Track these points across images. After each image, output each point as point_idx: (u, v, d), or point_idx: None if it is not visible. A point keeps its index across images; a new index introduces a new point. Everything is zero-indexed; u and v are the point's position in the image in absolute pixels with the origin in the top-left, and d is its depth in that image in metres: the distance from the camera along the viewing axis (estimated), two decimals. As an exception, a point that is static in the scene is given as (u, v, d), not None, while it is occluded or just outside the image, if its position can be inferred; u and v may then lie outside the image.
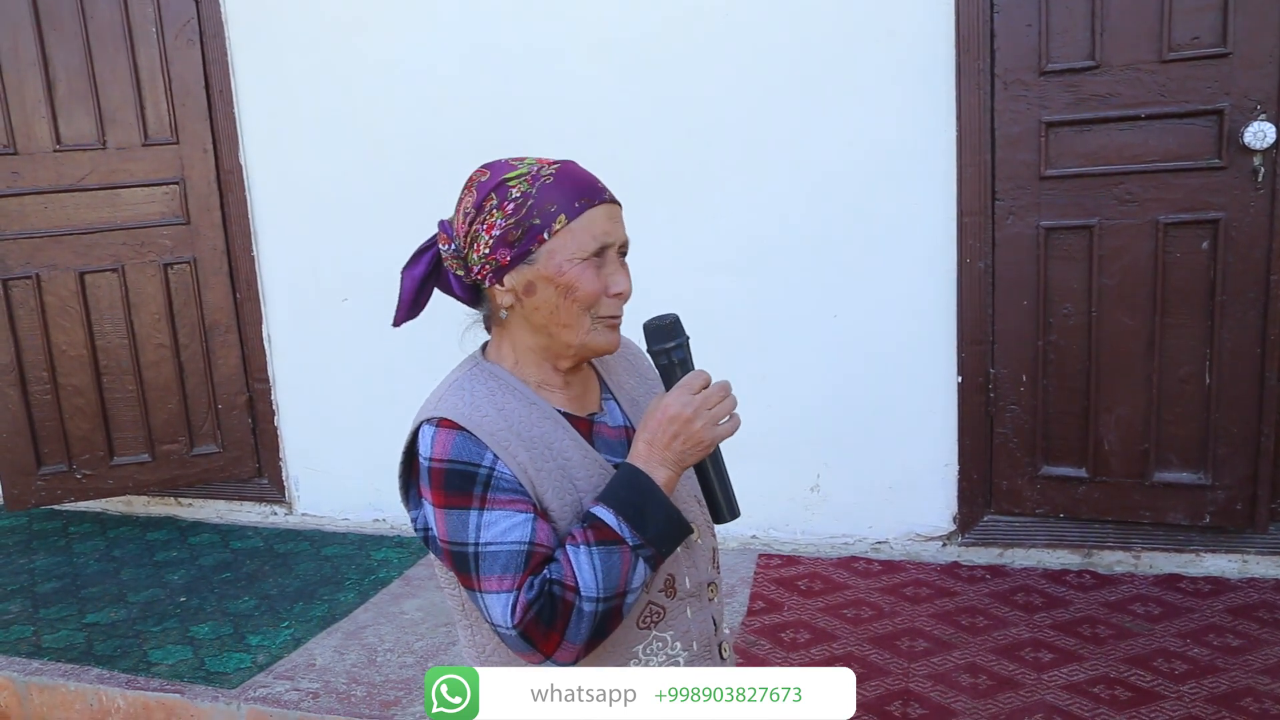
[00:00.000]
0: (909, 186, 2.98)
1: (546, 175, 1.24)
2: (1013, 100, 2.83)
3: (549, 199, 1.23)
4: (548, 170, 1.25)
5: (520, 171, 1.25)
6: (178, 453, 3.71)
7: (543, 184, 1.23)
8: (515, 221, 1.23)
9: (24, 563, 3.59)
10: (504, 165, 1.27)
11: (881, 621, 2.82)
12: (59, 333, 3.55)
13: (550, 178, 1.24)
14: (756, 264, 3.15)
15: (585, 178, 1.27)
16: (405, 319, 1.34)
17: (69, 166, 3.46)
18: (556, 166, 1.26)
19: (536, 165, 1.26)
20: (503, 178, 1.24)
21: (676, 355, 1.28)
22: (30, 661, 2.87)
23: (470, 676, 1.22)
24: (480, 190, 1.25)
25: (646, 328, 1.29)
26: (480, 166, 1.29)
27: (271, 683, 2.68)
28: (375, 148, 3.44)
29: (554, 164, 1.27)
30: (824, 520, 3.27)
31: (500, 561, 1.17)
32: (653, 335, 1.28)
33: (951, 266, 2.98)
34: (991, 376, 3.01)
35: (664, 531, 1.21)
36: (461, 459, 1.19)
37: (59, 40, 3.39)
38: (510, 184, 1.24)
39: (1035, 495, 3.04)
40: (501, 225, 1.23)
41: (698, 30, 3.06)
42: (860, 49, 2.95)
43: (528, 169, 1.25)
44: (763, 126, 3.08)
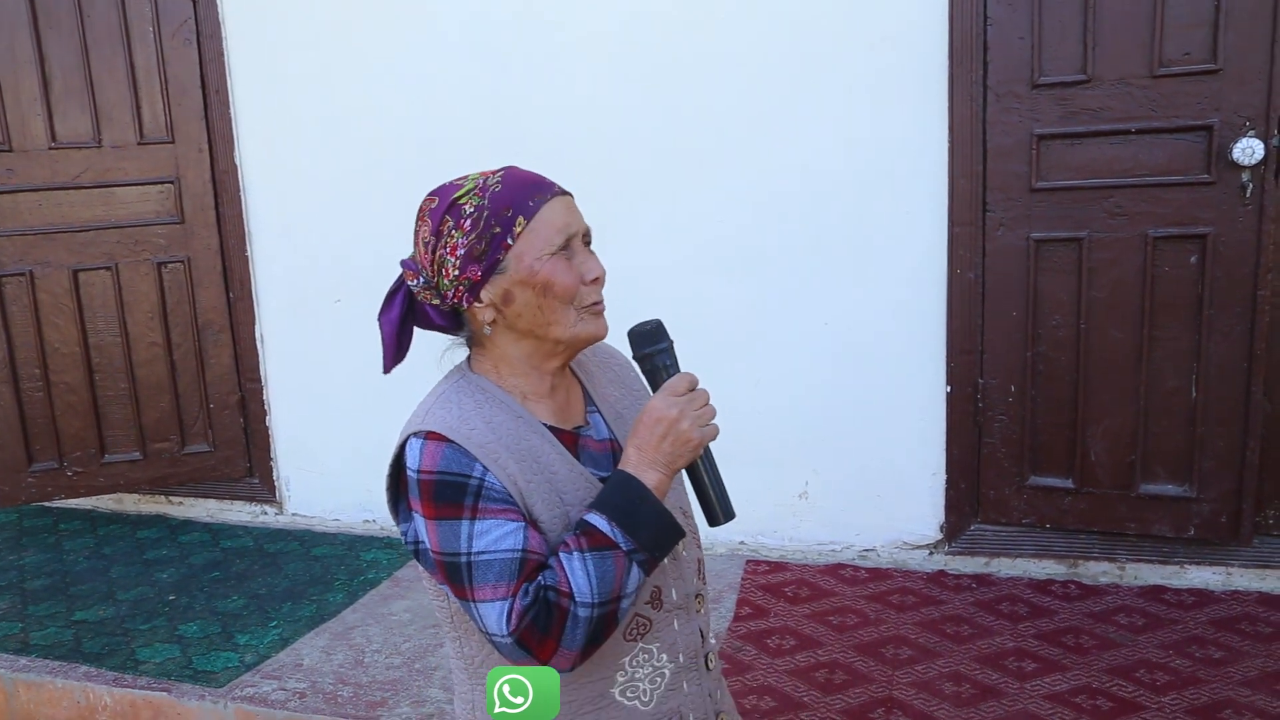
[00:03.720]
0: (901, 196, 3.00)
1: (494, 184, 1.25)
2: (1005, 112, 2.85)
3: (503, 204, 1.23)
4: (494, 179, 1.26)
5: (468, 188, 1.26)
6: (169, 451, 3.71)
7: (493, 193, 1.24)
8: (476, 235, 1.23)
9: (13, 559, 3.59)
10: (450, 187, 1.28)
11: (867, 629, 2.84)
12: (52, 330, 3.55)
13: (499, 185, 1.25)
14: (749, 270, 3.17)
15: (532, 177, 1.28)
16: (394, 363, 1.35)
17: (64, 164, 3.47)
18: (501, 173, 1.27)
19: (481, 178, 1.27)
20: (452, 198, 1.25)
21: (660, 360, 1.29)
22: (18, 658, 2.87)
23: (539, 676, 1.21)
24: (434, 216, 1.26)
25: (631, 334, 1.30)
26: (427, 195, 1.29)
27: (259, 682, 2.69)
28: (370, 148, 3.45)
29: (498, 172, 1.28)
30: (812, 527, 3.28)
31: (494, 570, 1.17)
32: (637, 341, 1.30)
33: (942, 276, 3.00)
34: (980, 386, 3.02)
35: (657, 536, 1.21)
36: (451, 470, 1.20)
37: (56, 38, 3.40)
38: (461, 202, 1.24)
39: (1022, 505, 3.05)
40: (464, 243, 1.23)
41: (693, 36, 3.08)
42: (853, 58, 2.96)
43: (474, 184, 1.26)
44: (755, 133, 3.09)
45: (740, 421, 3.27)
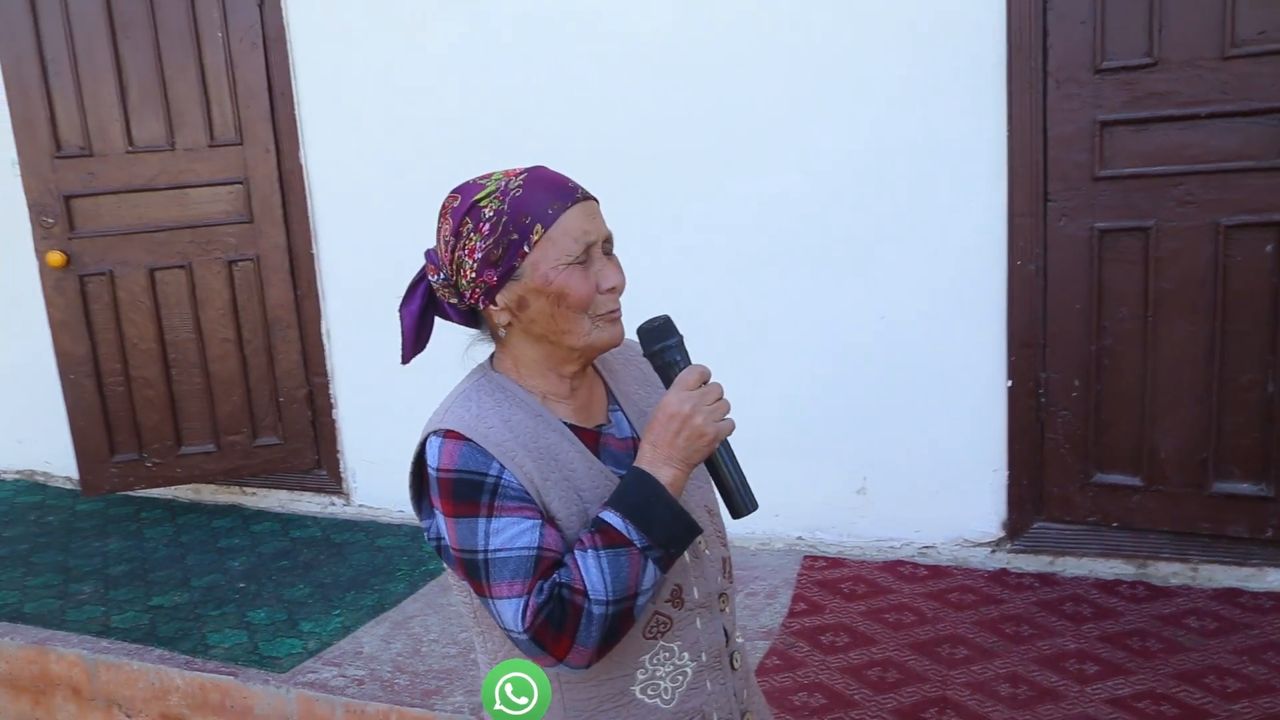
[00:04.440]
0: (959, 186, 2.93)
1: (515, 188, 1.25)
2: (1066, 99, 2.76)
3: (522, 211, 1.23)
4: (515, 182, 1.25)
5: (489, 189, 1.26)
6: (241, 443, 3.84)
7: (513, 197, 1.24)
8: (494, 241, 1.23)
9: (98, 546, 3.76)
10: (473, 186, 1.28)
11: (924, 627, 2.79)
12: (130, 326, 3.70)
13: (519, 189, 1.24)
14: (805, 263, 3.14)
15: (555, 181, 1.27)
16: (413, 354, 1.37)
17: (140, 167, 3.61)
18: (524, 176, 1.26)
19: (504, 179, 1.26)
20: (473, 199, 1.25)
21: (670, 355, 1.29)
22: (99, 640, 3.01)
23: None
24: (455, 216, 1.27)
25: (640, 331, 1.30)
26: (451, 191, 1.30)
27: (320, 668, 2.77)
28: (432, 146, 3.50)
29: (521, 174, 1.27)
30: (870, 523, 3.24)
31: (510, 567, 1.19)
32: (645, 338, 1.29)
33: (1002, 268, 2.92)
34: (1043, 380, 2.94)
35: (671, 532, 1.21)
36: (468, 469, 1.22)
37: (131, 46, 3.53)
38: (482, 204, 1.25)
39: (1087, 503, 2.96)
40: (481, 247, 1.24)
41: (743, 26, 3.06)
42: (907, 46, 2.90)
43: (496, 185, 1.26)
44: (806, 124, 3.06)
45: (797, 416, 3.27)
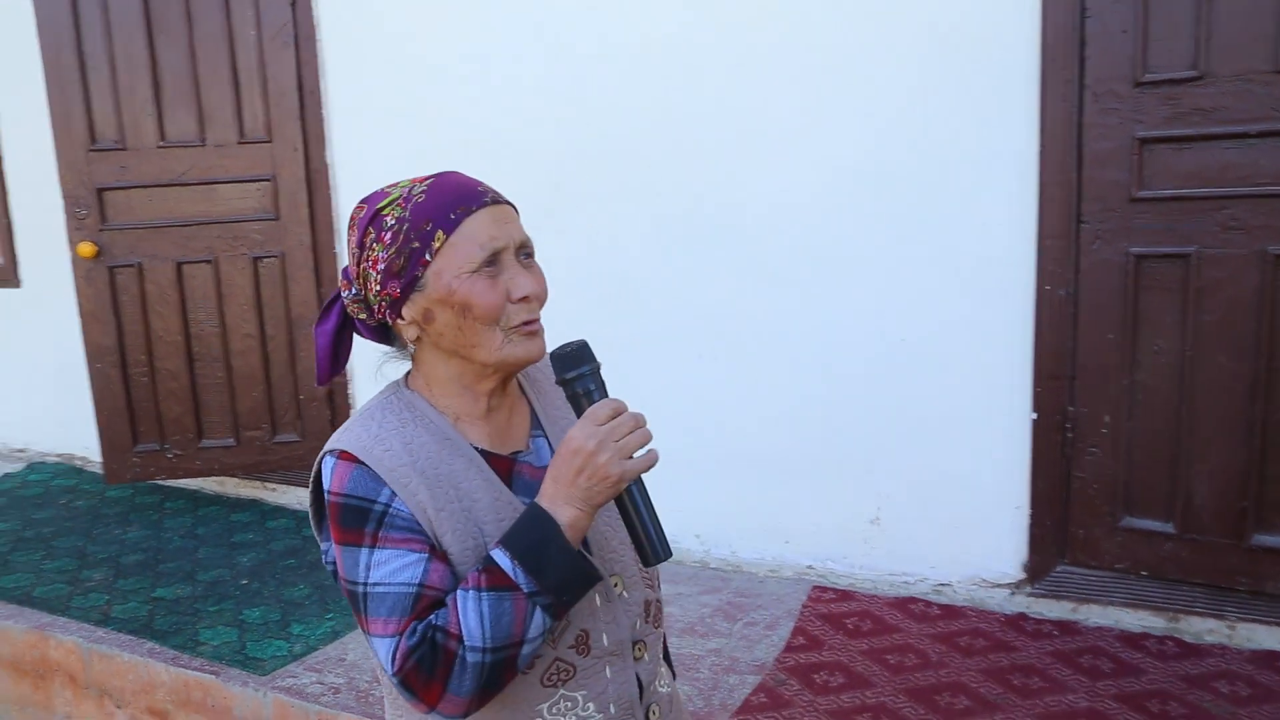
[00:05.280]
0: (986, 205, 2.76)
1: (419, 194, 1.17)
2: (1103, 113, 2.58)
3: (423, 218, 1.15)
4: (419, 189, 1.18)
5: (393, 197, 1.18)
6: (260, 439, 3.86)
7: (415, 204, 1.16)
8: (395, 250, 1.16)
9: (118, 533, 3.81)
10: (378, 195, 1.21)
11: (925, 671, 2.62)
12: (157, 319, 3.75)
13: (422, 195, 1.17)
14: (821, 282, 3.00)
15: (461, 186, 1.19)
16: (330, 375, 1.31)
17: (171, 162, 3.65)
18: (430, 182, 1.19)
19: (409, 186, 1.19)
20: (376, 208, 1.18)
21: (582, 385, 1.18)
22: (96, 629, 3.03)
23: None
24: (360, 226, 1.20)
25: (552, 357, 1.20)
26: (359, 202, 1.23)
27: (301, 673, 2.74)
28: (456, 148, 3.45)
29: (427, 180, 1.19)
30: (883, 556, 3.08)
31: (387, 603, 1.11)
32: (558, 364, 1.19)
33: (1030, 293, 2.74)
34: (1070, 415, 2.75)
35: (564, 578, 1.11)
36: (356, 494, 1.15)
37: (167, 43, 3.58)
38: (384, 212, 1.17)
39: (1115, 548, 2.76)
40: (384, 257, 1.17)
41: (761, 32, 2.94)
42: (933, 56, 2.74)
43: (400, 192, 1.18)
44: (825, 137, 2.92)
45: (809, 437, 3.13)
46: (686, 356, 3.23)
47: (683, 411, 3.25)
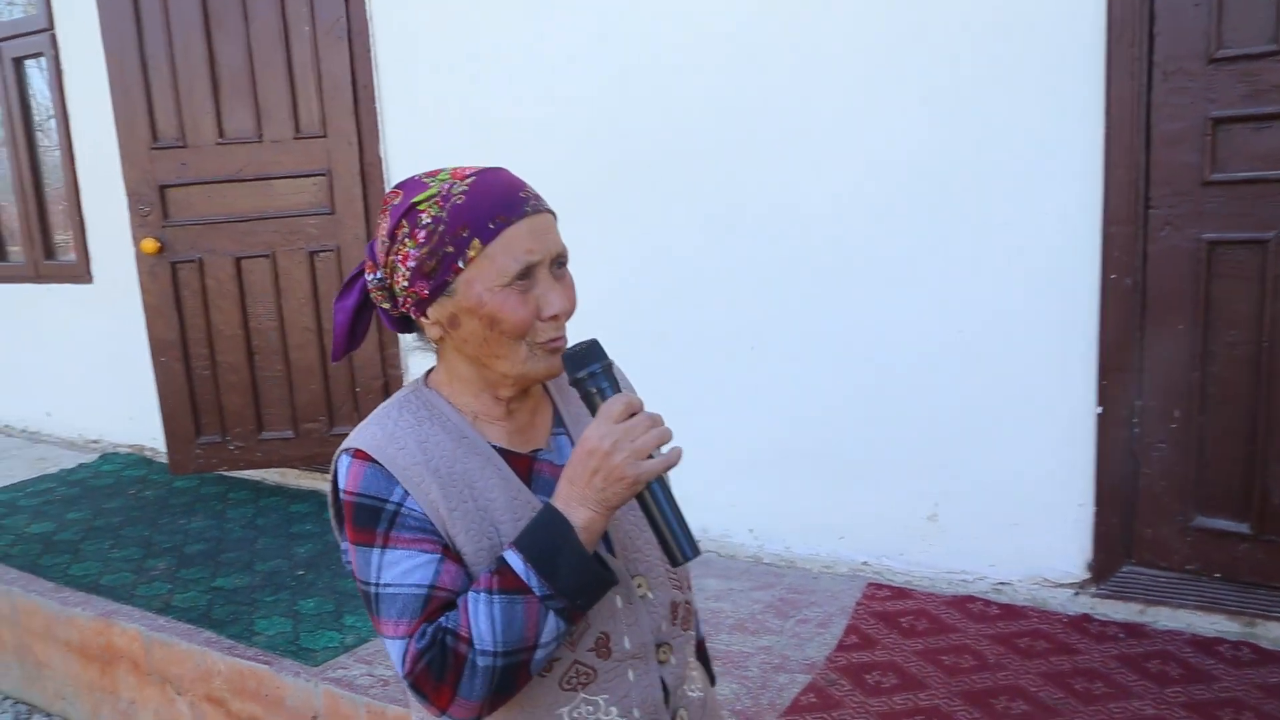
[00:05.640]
0: (1044, 189, 2.65)
1: (458, 194, 1.13)
2: (1174, 93, 2.45)
3: (460, 223, 1.11)
4: (460, 186, 1.13)
5: (431, 192, 1.14)
6: (318, 431, 3.90)
7: (453, 205, 1.12)
8: (428, 251, 1.12)
9: (182, 523, 3.90)
10: (415, 185, 1.16)
11: (982, 674, 2.54)
12: (217, 313, 3.82)
13: (461, 196, 1.12)
14: (873, 272, 2.92)
15: (502, 192, 1.14)
16: (345, 351, 1.29)
17: (229, 158, 3.71)
18: (470, 181, 1.14)
19: (449, 182, 1.14)
20: (412, 201, 1.14)
21: (594, 384, 1.15)
22: (157, 618, 3.10)
23: None
24: (393, 216, 1.16)
25: (564, 357, 1.17)
26: (394, 186, 1.19)
27: (351, 665, 2.76)
28: (508, 142, 3.45)
29: (468, 178, 1.14)
30: (941, 553, 2.99)
31: (398, 605, 1.10)
32: (569, 364, 1.15)
33: (1094, 282, 2.62)
34: (1137, 409, 2.63)
35: (578, 581, 1.08)
36: (369, 493, 1.13)
37: (224, 40, 3.64)
38: (420, 208, 1.13)
39: (1185, 549, 2.63)
40: (415, 256, 1.13)
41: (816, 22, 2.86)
42: (990, 37, 2.64)
43: (438, 188, 1.14)
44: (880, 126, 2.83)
45: (865, 432, 3.06)
46: (740, 350, 3.17)
47: (736, 405, 3.20)
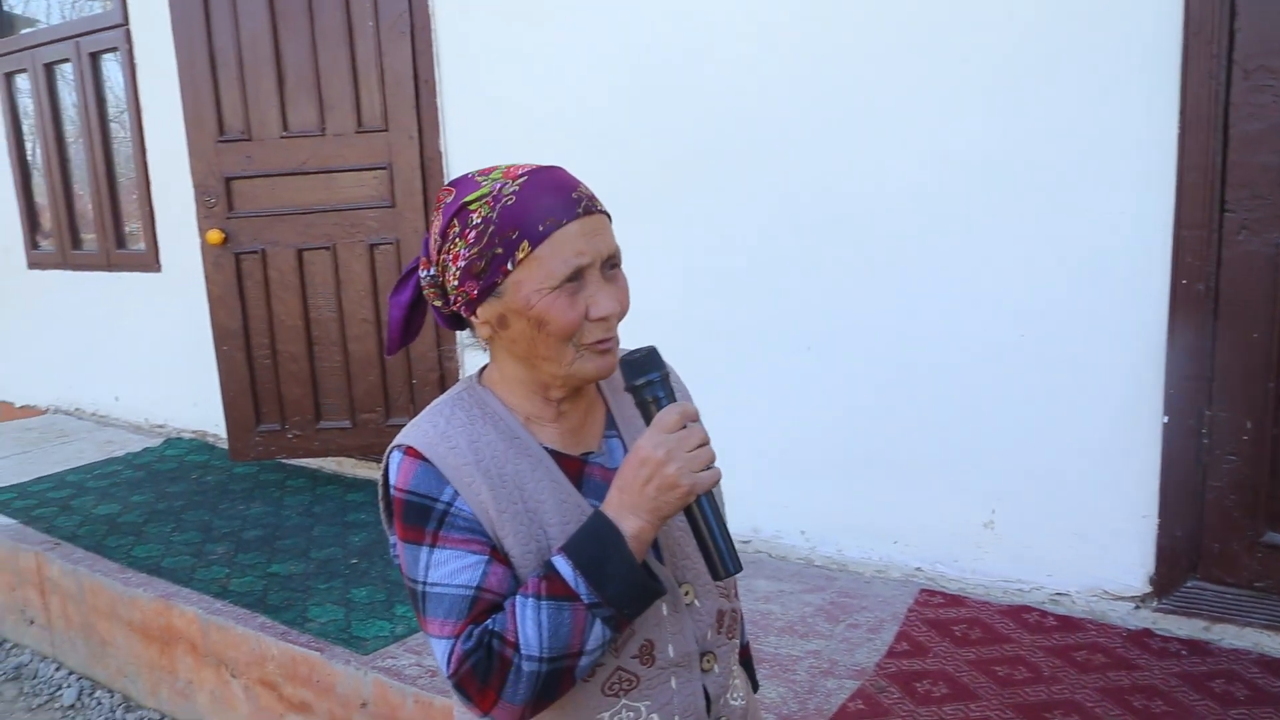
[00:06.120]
0: (1113, 193, 2.57)
1: (509, 195, 1.12)
2: (1255, 91, 2.35)
3: (510, 224, 1.11)
4: (511, 187, 1.12)
5: (482, 191, 1.13)
6: (374, 422, 3.96)
7: (504, 206, 1.11)
8: (478, 251, 1.12)
9: (241, 509, 3.98)
10: (468, 183, 1.16)
11: (1036, 687, 2.47)
12: (279, 304, 3.89)
13: (512, 197, 1.11)
14: (930, 272, 2.86)
15: (553, 192, 1.13)
16: (399, 346, 1.29)
17: (293, 152, 3.77)
18: (523, 180, 1.13)
19: (500, 182, 1.14)
20: (464, 200, 1.13)
21: (650, 392, 1.14)
22: (214, 601, 3.17)
23: None
24: (445, 214, 1.16)
25: (621, 363, 1.16)
26: (448, 183, 1.20)
27: (400, 654, 2.79)
28: (566, 137, 3.46)
29: (520, 178, 1.13)
30: (997, 561, 2.92)
31: (444, 605, 1.10)
32: (626, 370, 1.15)
33: (1164, 287, 2.54)
34: (1207, 419, 2.54)
35: (627, 591, 1.08)
36: (420, 491, 1.13)
37: (290, 36, 3.70)
38: (471, 208, 1.13)
39: (1255, 565, 2.54)
40: (465, 256, 1.13)
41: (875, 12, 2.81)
42: (1056, 32, 2.57)
43: (490, 187, 1.13)
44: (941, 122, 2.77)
45: (920, 434, 3.00)
46: (795, 349, 3.14)
47: (790, 405, 3.17)
